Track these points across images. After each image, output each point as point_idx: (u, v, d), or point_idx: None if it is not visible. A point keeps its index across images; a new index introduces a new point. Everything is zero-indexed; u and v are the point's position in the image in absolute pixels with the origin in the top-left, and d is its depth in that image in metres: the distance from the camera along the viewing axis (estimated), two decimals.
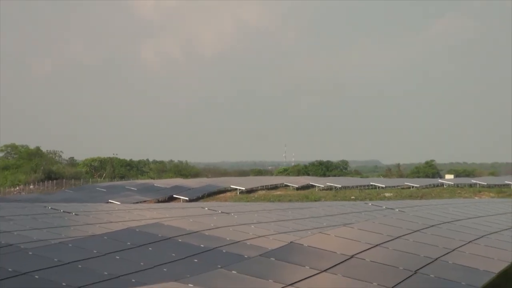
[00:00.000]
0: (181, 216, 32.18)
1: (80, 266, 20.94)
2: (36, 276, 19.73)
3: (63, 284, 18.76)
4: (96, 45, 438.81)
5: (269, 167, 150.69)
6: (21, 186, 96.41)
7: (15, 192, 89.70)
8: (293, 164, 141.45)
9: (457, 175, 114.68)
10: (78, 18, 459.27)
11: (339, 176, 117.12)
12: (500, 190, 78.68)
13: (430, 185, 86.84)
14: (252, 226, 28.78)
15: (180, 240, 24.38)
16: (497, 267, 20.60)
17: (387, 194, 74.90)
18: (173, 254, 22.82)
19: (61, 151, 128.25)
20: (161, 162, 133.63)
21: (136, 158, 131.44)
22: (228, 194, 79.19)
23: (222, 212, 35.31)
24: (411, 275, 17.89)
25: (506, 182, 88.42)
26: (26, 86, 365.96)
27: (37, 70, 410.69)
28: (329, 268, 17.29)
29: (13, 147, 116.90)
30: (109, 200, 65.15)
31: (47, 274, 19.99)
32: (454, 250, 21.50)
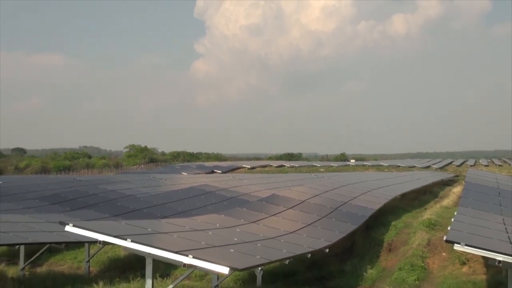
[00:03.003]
0: (217, 180, 32.17)
1: (166, 206, 20.98)
2: (144, 211, 19.77)
3: (158, 215, 18.83)
4: (173, 94, 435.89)
5: (262, 156, 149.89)
6: (137, 166, 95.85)
7: (133, 169, 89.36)
8: (274, 154, 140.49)
9: (357, 160, 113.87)
10: (166, 79, 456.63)
11: (297, 160, 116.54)
12: (378, 168, 78.62)
13: (343, 165, 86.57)
14: (254, 186, 28.77)
15: (217, 193, 24.43)
16: (376, 206, 20.56)
17: (321, 170, 74.51)
18: (213, 200, 22.88)
19: (157, 148, 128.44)
20: (208, 153, 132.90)
21: (195, 151, 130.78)
22: (242, 169, 78.69)
23: (238, 179, 35.22)
24: (333, 210, 17.82)
25: (381, 163, 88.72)
26: (139, 116, 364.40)
27: (145, 106, 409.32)
28: (292, 207, 17.23)
29: (132, 146, 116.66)
30: (181, 172, 64.61)
31: (150, 210, 20.06)
32: (354, 198, 21.45)
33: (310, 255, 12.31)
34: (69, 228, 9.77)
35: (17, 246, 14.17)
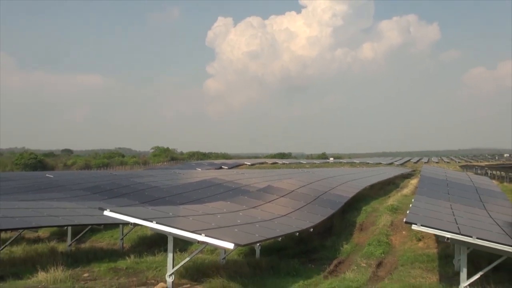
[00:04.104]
0: (224, 175, 32.08)
1: (184, 195, 20.86)
2: (167, 199, 19.70)
3: (177, 202, 18.71)
4: (190, 105, 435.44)
5: (260, 155, 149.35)
6: (161, 163, 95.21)
7: (158, 165, 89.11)
8: (269, 153, 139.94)
9: (335, 158, 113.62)
10: (184, 94, 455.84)
11: (287, 158, 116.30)
12: (352, 164, 78.45)
13: (323, 162, 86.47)
14: (253, 178, 28.65)
15: (224, 184, 24.28)
16: (350, 194, 20.53)
17: (306, 166, 74.31)
18: (221, 190, 22.73)
19: (177, 149, 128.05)
20: (217, 153, 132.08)
21: (207, 151, 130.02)
22: (244, 166, 78.42)
23: (241, 173, 35.17)
24: (316, 198, 17.80)
25: (354, 161, 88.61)
26: (162, 123, 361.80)
27: (167, 115, 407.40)
28: (284, 195, 17.21)
29: (157, 147, 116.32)
30: (196, 168, 64.38)
31: (170, 198, 19.97)
32: (333, 188, 21.43)
33: (298, 233, 12.30)
34: (107, 212, 9.76)
35: (66, 227, 14.16)
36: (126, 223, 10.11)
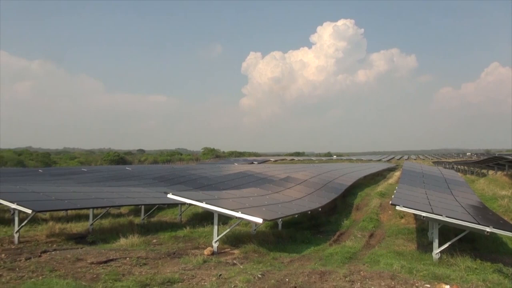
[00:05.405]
0: (255, 168, 32.07)
1: (225, 183, 20.92)
2: (213, 185, 19.75)
3: (221, 188, 18.75)
4: (230, 117, 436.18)
5: (281, 153, 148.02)
6: (208, 160, 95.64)
7: (206, 161, 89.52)
8: (288, 152, 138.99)
9: (337, 156, 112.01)
10: (225, 109, 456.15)
11: (302, 156, 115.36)
12: (350, 160, 77.22)
13: (329, 159, 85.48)
14: (276, 171, 28.52)
15: (255, 175, 24.28)
16: (349, 183, 20.23)
17: (316, 162, 73.45)
18: (253, 179, 22.72)
19: (220, 149, 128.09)
20: (249, 152, 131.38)
21: (242, 151, 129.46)
22: (269, 161, 78.04)
23: (267, 167, 35.10)
24: (323, 185, 17.62)
25: (352, 158, 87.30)
26: (210, 130, 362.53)
27: (214, 125, 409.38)
28: (299, 183, 17.11)
29: (206, 148, 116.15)
30: (234, 163, 64.20)
31: (215, 184, 20.04)
32: (336, 178, 21.18)
33: (310, 212, 12.22)
34: (169, 195, 9.93)
35: (140, 205, 14.43)
36: (183, 203, 10.27)
